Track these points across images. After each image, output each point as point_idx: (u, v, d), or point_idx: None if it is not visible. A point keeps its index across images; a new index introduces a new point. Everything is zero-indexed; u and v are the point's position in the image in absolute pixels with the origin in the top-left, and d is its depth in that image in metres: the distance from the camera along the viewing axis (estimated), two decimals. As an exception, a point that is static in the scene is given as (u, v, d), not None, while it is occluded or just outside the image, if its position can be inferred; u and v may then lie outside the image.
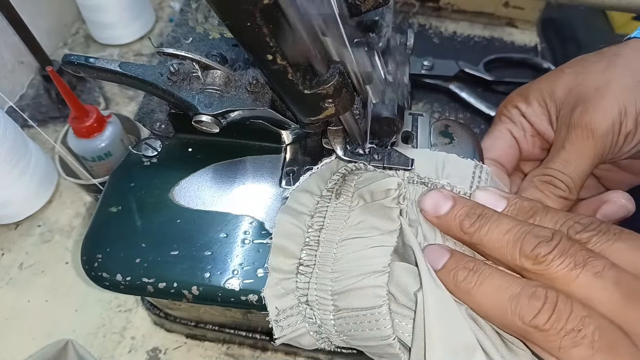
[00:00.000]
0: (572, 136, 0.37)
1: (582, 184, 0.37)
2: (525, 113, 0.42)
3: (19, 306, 0.54)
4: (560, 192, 0.36)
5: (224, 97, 0.35)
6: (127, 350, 0.51)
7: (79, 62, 0.35)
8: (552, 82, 0.40)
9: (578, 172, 0.36)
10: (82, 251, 0.36)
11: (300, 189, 0.35)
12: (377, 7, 0.34)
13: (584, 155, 0.36)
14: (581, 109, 0.37)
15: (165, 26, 0.80)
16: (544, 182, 0.37)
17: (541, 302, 0.26)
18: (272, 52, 0.28)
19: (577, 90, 0.38)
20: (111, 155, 0.52)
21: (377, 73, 0.33)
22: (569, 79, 0.39)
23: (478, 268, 0.30)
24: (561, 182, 0.36)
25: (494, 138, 0.43)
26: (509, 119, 0.43)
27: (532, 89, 0.42)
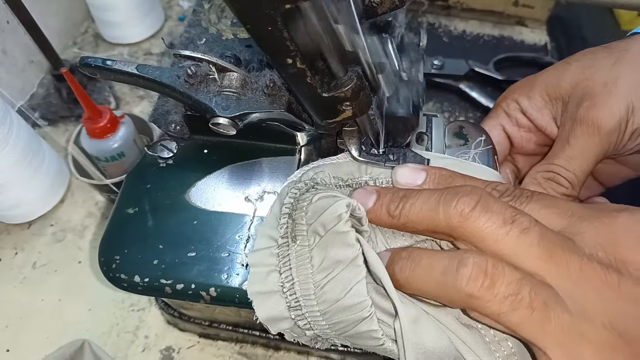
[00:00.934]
0: (578, 132, 0.36)
1: (584, 180, 0.37)
2: (524, 108, 0.41)
3: (32, 305, 0.54)
4: (562, 189, 0.36)
5: (241, 100, 0.35)
6: (141, 349, 0.51)
7: (96, 65, 0.35)
8: (558, 75, 0.40)
9: (582, 169, 0.36)
10: (100, 253, 0.36)
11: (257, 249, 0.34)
12: (393, 9, 0.34)
13: (588, 151, 0.36)
14: (588, 104, 0.36)
15: (174, 25, 0.80)
16: (546, 179, 0.37)
17: (469, 269, 0.26)
18: (292, 56, 0.28)
19: (584, 84, 0.38)
20: (124, 155, 0.52)
21: (391, 62, 0.33)
22: (576, 72, 0.39)
23: (409, 254, 0.30)
24: (564, 178, 0.36)
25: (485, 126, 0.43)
26: (505, 112, 0.43)
27: (536, 82, 0.41)
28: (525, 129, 0.42)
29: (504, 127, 0.43)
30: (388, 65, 0.32)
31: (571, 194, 0.36)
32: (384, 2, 0.33)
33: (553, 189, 0.36)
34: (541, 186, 0.37)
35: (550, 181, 0.36)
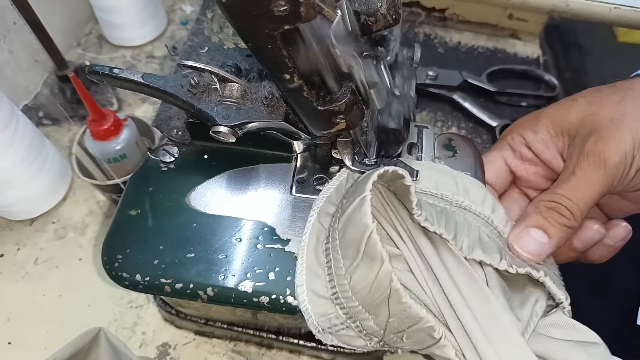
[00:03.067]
0: (584, 164, 0.37)
1: (587, 212, 0.37)
2: (529, 142, 0.42)
3: (34, 300, 0.56)
4: (564, 220, 0.36)
5: (241, 110, 0.37)
6: (138, 345, 0.53)
7: (103, 72, 0.37)
8: (564, 109, 0.40)
9: (585, 200, 0.36)
10: (103, 252, 0.38)
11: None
12: (388, 27, 0.36)
13: (593, 183, 0.36)
14: (595, 137, 0.37)
15: (177, 28, 0.82)
16: (549, 209, 0.37)
17: None
18: (289, 72, 0.30)
19: (591, 119, 0.38)
20: (126, 157, 0.54)
21: (382, 80, 0.35)
22: (583, 108, 0.39)
23: None
24: (566, 209, 0.36)
25: (486, 163, 0.43)
26: (509, 145, 0.43)
27: (542, 116, 0.42)
28: (530, 163, 0.43)
29: (505, 160, 0.43)
30: (380, 83, 0.34)
31: (572, 225, 0.36)
32: (378, 20, 0.35)
33: (555, 220, 0.36)
34: (542, 215, 0.37)
35: (551, 211, 0.37)
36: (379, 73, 0.34)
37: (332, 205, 0.38)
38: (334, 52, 0.30)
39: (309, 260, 0.35)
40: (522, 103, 0.73)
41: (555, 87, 0.72)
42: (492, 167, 0.43)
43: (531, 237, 0.36)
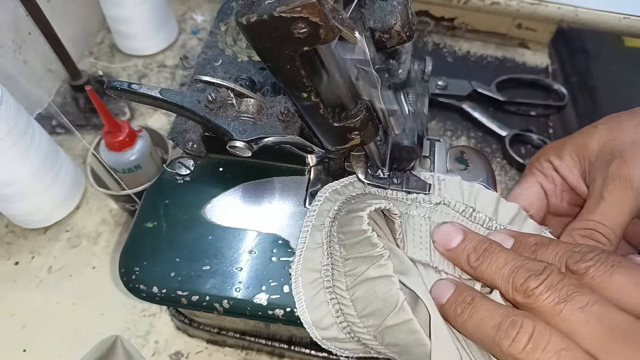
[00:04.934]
0: (611, 187, 0.37)
1: (621, 235, 0.37)
2: (557, 167, 0.43)
3: (48, 308, 0.56)
4: (600, 245, 0.36)
5: (257, 125, 0.37)
6: (151, 353, 0.53)
7: (122, 88, 0.38)
8: (586, 137, 0.41)
9: (618, 223, 0.36)
10: (120, 264, 0.39)
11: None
12: (402, 43, 0.37)
13: (623, 206, 0.37)
14: (619, 161, 0.38)
15: (188, 38, 0.83)
16: (584, 237, 0.37)
17: (516, 331, 0.28)
18: (307, 90, 0.30)
19: (611, 144, 0.39)
20: (140, 167, 0.55)
21: (401, 107, 0.36)
22: (604, 134, 0.40)
23: (472, 300, 0.32)
24: (602, 235, 0.36)
25: (523, 188, 0.44)
26: (540, 171, 0.44)
27: (566, 144, 0.43)
28: (559, 188, 0.43)
29: (541, 184, 0.44)
30: (399, 111, 0.35)
31: (609, 249, 0.36)
32: (392, 37, 0.36)
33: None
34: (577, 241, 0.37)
35: (587, 238, 0.37)
36: (398, 102, 0.35)
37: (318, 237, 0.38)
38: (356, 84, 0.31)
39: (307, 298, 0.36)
40: (531, 112, 0.73)
41: (565, 96, 0.73)
42: (533, 192, 0.44)
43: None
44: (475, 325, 0.30)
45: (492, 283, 0.32)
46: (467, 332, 0.32)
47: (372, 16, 0.35)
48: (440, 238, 0.36)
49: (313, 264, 0.36)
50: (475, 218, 0.38)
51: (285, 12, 0.24)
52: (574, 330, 0.28)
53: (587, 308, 0.28)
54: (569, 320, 0.28)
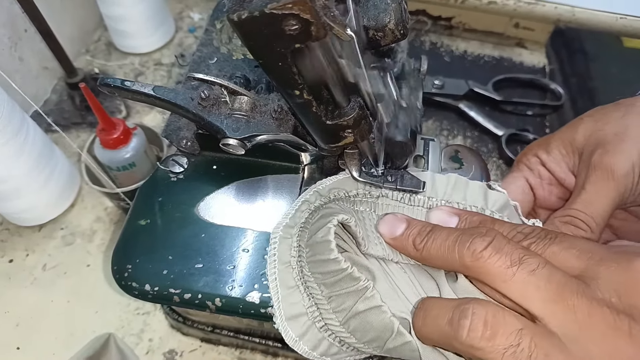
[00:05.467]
0: (593, 177, 0.38)
1: (603, 224, 0.37)
2: (544, 161, 0.43)
3: (42, 306, 0.56)
4: (581, 232, 0.37)
5: (250, 123, 0.37)
6: (145, 351, 0.53)
7: (115, 85, 0.37)
8: (573, 130, 0.42)
9: (599, 212, 0.37)
10: (113, 262, 0.38)
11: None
12: (396, 41, 0.36)
13: (604, 195, 0.37)
14: (601, 151, 0.38)
15: (184, 36, 0.83)
16: (565, 223, 0.37)
17: (469, 320, 0.27)
18: (299, 88, 0.30)
19: (596, 135, 0.40)
20: (135, 165, 0.54)
21: (389, 93, 0.36)
22: (589, 126, 0.41)
23: (423, 304, 0.32)
24: (582, 222, 0.37)
25: (507, 183, 0.44)
26: (527, 166, 0.44)
27: (553, 138, 0.43)
28: (547, 182, 0.44)
29: (527, 179, 0.44)
30: (387, 96, 0.34)
31: (590, 237, 0.37)
32: (386, 35, 0.36)
33: (572, 233, 0.37)
34: (559, 230, 0.37)
35: (568, 225, 0.37)
36: (385, 85, 0.35)
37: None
38: (341, 62, 0.30)
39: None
40: (528, 112, 0.73)
41: (561, 96, 0.73)
42: (517, 186, 0.44)
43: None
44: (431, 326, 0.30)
45: (438, 259, 0.32)
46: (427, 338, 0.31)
47: (366, 14, 0.35)
48: (385, 229, 0.36)
49: (295, 308, 0.35)
50: (414, 201, 0.39)
51: (276, 8, 0.24)
52: (526, 294, 0.28)
53: (537, 270, 0.28)
54: (522, 284, 0.28)
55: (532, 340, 0.26)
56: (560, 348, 0.26)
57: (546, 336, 0.26)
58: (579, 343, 0.26)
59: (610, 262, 0.28)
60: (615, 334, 0.26)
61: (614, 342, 0.26)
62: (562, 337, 0.26)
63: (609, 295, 0.27)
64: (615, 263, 0.28)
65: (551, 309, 0.27)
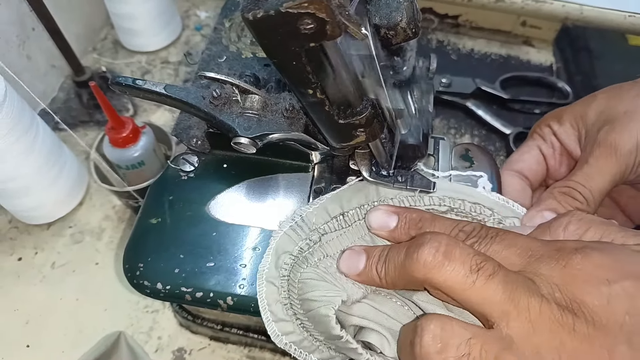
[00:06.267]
0: (597, 152, 0.39)
1: (600, 199, 0.38)
2: (556, 132, 0.44)
3: (51, 303, 0.56)
4: (577, 203, 0.38)
5: (262, 121, 0.37)
6: (154, 349, 0.53)
7: (126, 84, 0.38)
8: (586, 105, 0.43)
9: (598, 187, 0.38)
10: (124, 260, 0.39)
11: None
12: (407, 40, 0.36)
13: (605, 171, 0.38)
14: (608, 128, 0.39)
15: (191, 34, 0.83)
16: (562, 193, 0.39)
17: (420, 337, 0.27)
18: (312, 87, 0.30)
19: (607, 112, 0.40)
20: (144, 164, 0.55)
21: (408, 106, 0.36)
22: (602, 103, 0.42)
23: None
24: (580, 194, 0.38)
25: (522, 152, 0.45)
26: (540, 136, 0.45)
27: (566, 111, 0.44)
28: (558, 152, 0.45)
29: (540, 148, 0.45)
30: (406, 111, 0.35)
31: (585, 209, 0.38)
32: (398, 33, 0.36)
33: (568, 203, 0.38)
34: (556, 199, 0.39)
35: (565, 195, 0.38)
36: (405, 102, 0.35)
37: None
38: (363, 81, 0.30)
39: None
40: (535, 110, 0.73)
41: (569, 94, 0.72)
42: (531, 155, 0.45)
43: (544, 219, 0.37)
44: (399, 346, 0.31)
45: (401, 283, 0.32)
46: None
47: (378, 13, 0.35)
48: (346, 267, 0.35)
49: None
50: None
51: (292, 7, 0.24)
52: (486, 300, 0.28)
53: (495, 274, 0.28)
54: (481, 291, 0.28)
55: (482, 348, 0.27)
56: (511, 349, 0.27)
57: (495, 340, 0.27)
58: (530, 341, 0.27)
59: (550, 259, 0.29)
60: (561, 330, 0.26)
61: (560, 337, 0.26)
62: (515, 337, 0.27)
63: (552, 291, 0.28)
64: (555, 260, 0.29)
65: (507, 311, 0.27)
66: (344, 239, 0.37)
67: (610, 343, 0.26)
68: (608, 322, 0.26)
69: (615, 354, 0.25)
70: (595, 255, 0.28)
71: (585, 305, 0.27)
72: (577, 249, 0.29)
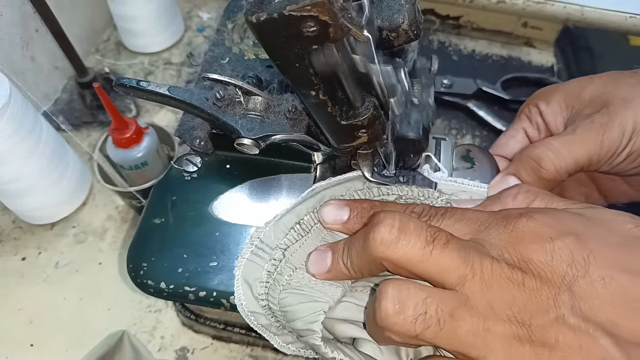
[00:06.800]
0: (585, 127, 0.39)
1: (565, 173, 0.39)
2: (543, 112, 0.43)
3: (55, 303, 0.57)
4: (541, 171, 0.39)
5: (265, 122, 0.38)
6: (157, 348, 0.54)
7: (130, 85, 0.38)
8: (580, 86, 0.42)
9: (566, 160, 0.38)
10: (128, 259, 0.39)
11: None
12: (409, 41, 0.37)
13: (581, 148, 0.38)
14: (604, 111, 0.39)
15: (193, 35, 0.83)
16: (529, 158, 0.39)
17: (380, 302, 0.28)
18: (315, 89, 0.30)
19: (603, 97, 0.40)
20: (147, 164, 0.55)
21: (402, 85, 0.36)
22: (599, 87, 0.41)
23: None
24: (547, 161, 0.38)
25: (508, 136, 0.45)
26: (527, 117, 0.45)
27: (557, 90, 0.44)
28: (543, 134, 0.44)
29: (526, 131, 0.45)
30: (399, 88, 0.35)
31: (547, 177, 0.39)
32: (399, 35, 0.36)
33: (532, 170, 0.39)
34: (522, 164, 0.40)
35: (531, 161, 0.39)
36: (398, 78, 0.35)
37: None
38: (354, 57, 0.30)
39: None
40: (536, 111, 0.73)
41: (570, 95, 0.73)
42: (516, 140, 0.45)
43: (506, 184, 0.39)
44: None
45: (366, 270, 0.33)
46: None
47: (380, 15, 0.35)
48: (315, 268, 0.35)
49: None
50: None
51: (295, 10, 0.24)
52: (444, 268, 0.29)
53: (449, 242, 0.29)
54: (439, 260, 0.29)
55: (437, 306, 0.28)
56: (465, 306, 0.28)
57: (450, 298, 0.28)
58: (483, 297, 0.28)
59: (497, 226, 0.31)
60: (512, 285, 0.28)
61: (510, 292, 0.28)
62: (470, 295, 0.28)
63: (501, 252, 0.30)
64: (503, 226, 0.31)
65: (463, 275, 0.29)
66: (307, 246, 0.37)
67: (555, 293, 0.28)
68: (553, 275, 0.28)
69: (559, 302, 0.28)
70: (538, 217, 0.31)
71: (532, 262, 0.29)
72: (522, 214, 0.31)
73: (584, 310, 0.28)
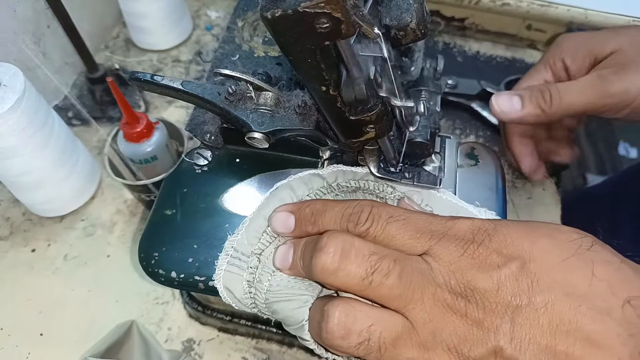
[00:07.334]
0: (591, 77, 0.43)
1: (565, 111, 0.43)
2: (569, 68, 0.47)
3: (64, 295, 0.58)
4: (543, 103, 0.43)
5: (275, 117, 0.39)
6: (164, 340, 0.55)
7: (145, 79, 0.39)
8: (604, 41, 0.45)
9: (571, 100, 0.42)
10: (140, 249, 0.40)
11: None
12: (416, 40, 0.38)
13: (587, 93, 0.42)
14: (617, 69, 0.42)
15: (202, 34, 0.84)
16: (536, 89, 0.44)
17: (325, 322, 0.30)
18: (326, 84, 0.31)
19: (624, 53, 0.43)
20: (157, 159, 0.56)
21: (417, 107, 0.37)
22: (621, 41, 0.44)
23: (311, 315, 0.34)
24: (550, 96, 0.42)
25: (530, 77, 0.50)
26: (551, 69, 0.48)
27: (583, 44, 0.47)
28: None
29: (545, 81, 0.48)
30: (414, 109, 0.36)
31: (547, 110, 0.43)
32: (408, 34, 0.37)
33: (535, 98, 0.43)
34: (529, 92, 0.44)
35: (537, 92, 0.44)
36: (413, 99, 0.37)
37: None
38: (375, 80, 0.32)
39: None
40: (539, 112, 0.74)
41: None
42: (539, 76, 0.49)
43: (509, 99, 0.45)
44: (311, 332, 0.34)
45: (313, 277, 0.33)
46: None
47: (389, 14, 0.36)
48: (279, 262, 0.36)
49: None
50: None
51: (309, 7, 0.25)
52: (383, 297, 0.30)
53: (391, 272, 0.30)
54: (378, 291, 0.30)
55: (381, 334, 0.29)
56: (409, 335, 0.29)
57: (396, 324, 0.30)
58: (426, 327, 0.29)
59: (448, 244, 0.31)
60: (453, 315, 0.29)
61: (453, 321, 0.29)
62: (414, 323, 0.29)
63: (449, 278, 0.30)
64: (454, 245, 0.31)
65: (405, 303, 0.29)
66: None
67: (497, 324, 0.28)
68: (497, 305, 0.29)
69: (499, 333, 0.28)
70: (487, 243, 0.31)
71: (477, 291, 0.29)
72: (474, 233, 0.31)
73: (523, 340, 0.28)
